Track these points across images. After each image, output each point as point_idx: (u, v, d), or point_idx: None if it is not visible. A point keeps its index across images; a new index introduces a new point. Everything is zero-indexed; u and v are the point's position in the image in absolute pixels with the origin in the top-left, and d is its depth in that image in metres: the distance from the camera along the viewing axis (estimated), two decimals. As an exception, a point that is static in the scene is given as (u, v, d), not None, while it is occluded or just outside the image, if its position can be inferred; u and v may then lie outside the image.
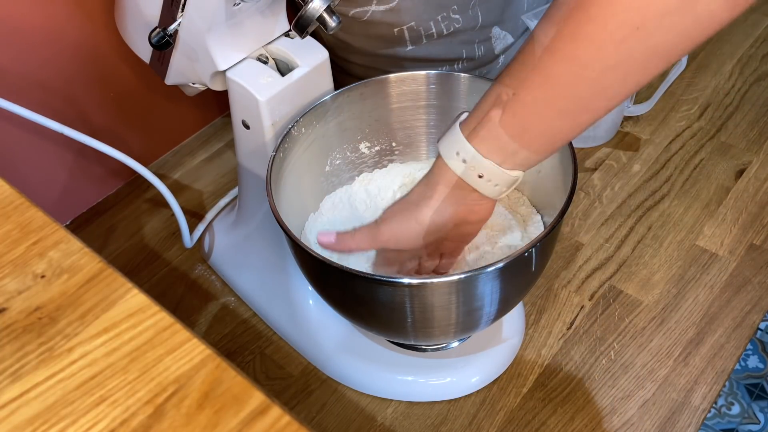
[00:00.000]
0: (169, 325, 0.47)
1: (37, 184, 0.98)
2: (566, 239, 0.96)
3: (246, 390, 0.43)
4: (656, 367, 0.83)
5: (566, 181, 0.70)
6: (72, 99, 0.96)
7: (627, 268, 0.92)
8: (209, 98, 1.12)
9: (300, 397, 0.83)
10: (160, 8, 0.73)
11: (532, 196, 0.82)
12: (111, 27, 0.86)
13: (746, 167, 1.03)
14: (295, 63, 0.76)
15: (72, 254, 0.51)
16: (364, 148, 0.85)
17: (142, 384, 0.44)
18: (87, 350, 0.46)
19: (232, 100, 0.78)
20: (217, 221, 0.98)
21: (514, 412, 0.80)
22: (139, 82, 1.02)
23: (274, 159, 0.72)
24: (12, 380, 0.45)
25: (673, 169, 1.04)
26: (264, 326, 0.90)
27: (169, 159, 1.12)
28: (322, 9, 0.66)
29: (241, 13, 0.72)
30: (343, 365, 0.84)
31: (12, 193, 0.55)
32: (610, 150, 1.07)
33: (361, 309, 0.72)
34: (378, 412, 0.82)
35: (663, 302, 0.88)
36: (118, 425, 0.43)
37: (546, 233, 0.65)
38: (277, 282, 0.87)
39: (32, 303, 0.49)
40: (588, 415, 0.79)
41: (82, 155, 1.01)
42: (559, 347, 0.85)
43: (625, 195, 1.01)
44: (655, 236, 0.95)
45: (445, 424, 0.80)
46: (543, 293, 0.90)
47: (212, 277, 0.96)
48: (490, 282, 0.65)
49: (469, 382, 0.82)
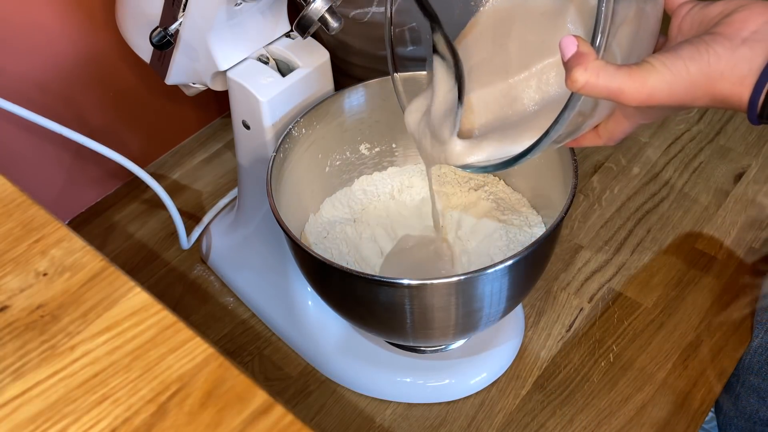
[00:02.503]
0: (171, 323, 0.47)
1: (35, 183, 0.98)
2: (565, 241, 0.96)
3: (249, 389, 0.43)
4: (655, 369, 0.83)
5: (566, 183, 0.70)
6: (71, 99, 0.96)
7: (626, 270, 0.92)
8: (209, 99, 1.12)
9: (299, 398, 0.83)
10: (161, 8, 0.73)
11: (533, 197, 0.82)
12: (111, 27, 0.86)
13: (745, 170, 1.03)
14: (295, 63, 0.76)
15: (74, 252, 0.51)
16: (364, 150, 0.85)
17: (144, 382, 0.44)
18: (89, 348, 0.46)
19: (232, 100, 0.78)
20: (216, 222, 0.98)
21: (513, 413, 0.80)
22: (139, 82, 1.02)
23: (275, 159, 0.72)
24: (14, 378, 0.45)
25: (672, 172, 1.04)
26: (263, 327, 0.90)
27: (168, 159, 1.12)
28: (323, 10, 0.66)
29: (243, 14, 0.72)
30: (342, 366, 0.84)
31: (14, 191, 0.55)
32: (610, 153, 1.07)
33: (360, 310, 0.72)
34: (377, 414, 0.81)
35: (662, 305, 0.88)
36: (121, 423, 0.43)
37: (546, 235, 0.65)
38: (276, 283, 0.87)
39: (34, 301, 0.48)
40: (587, 417, 0.79)
41: (81, 155, 1.00)
42: (558, 349, 0.85)
43: (625, 198, 1.01)
44: (654, 239, 0.96)
45: (444, 425, 0.80)
46: (542, 295, 0.90)
47: (211, 278, 0.96)
48: (490, 283, 0.65)
49: (468, 384, 0.82)
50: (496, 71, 0.64)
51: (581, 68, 0.48)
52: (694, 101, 0.50)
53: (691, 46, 0.49)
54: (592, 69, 0.47)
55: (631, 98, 0.48)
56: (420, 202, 0.86)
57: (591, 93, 0.48)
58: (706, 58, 0.49)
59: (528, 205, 0.82)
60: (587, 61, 0.48)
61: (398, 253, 0.81)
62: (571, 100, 0.50)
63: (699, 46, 0.49)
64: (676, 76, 0.49)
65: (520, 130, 0.60)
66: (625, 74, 0.48)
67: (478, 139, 0.63)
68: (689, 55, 0.49)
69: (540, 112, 0.61)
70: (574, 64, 0.48)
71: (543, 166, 0.77)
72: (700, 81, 0.49)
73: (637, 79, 0.48)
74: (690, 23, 0.54)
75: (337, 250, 0.80)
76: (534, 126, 0.58)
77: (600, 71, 0.48)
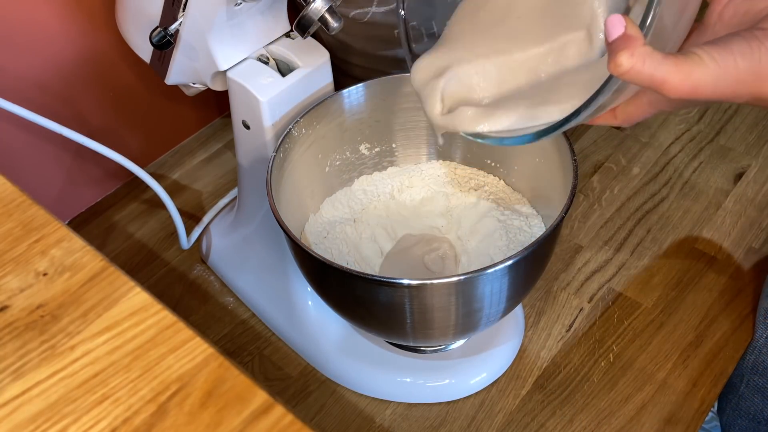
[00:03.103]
0: (171, 323, 0.47)
1: (35, 184, 0.98)
2: (565, 241, 0.96)
3: (249, 389, 0.43)
4: (655, 369, 0.83)
5: (566, 183, 0.70)
6: (71, 98, 0.96)
7: (626, 270, 0.92)
8: (209, 98, 1.12)
9: (299, 398, 0.83)
10: (161, 8, 0.73)
11: (532, 197, 0.82)
12: (111, 26, 0.86)
13: (745, 171, 1.03)
14: (296, 63, 0.76)
15: (74, 252, 0.51)
16: (364, 150, 0.85)
17: (144, 382, 0.44)
18: (89, 348, 0.46)
19: (232, 100, 0.78)
20: (216, 222, 0.98)
21: (513, 413, 0.80)
22: (139, 82, 1.02)
23: (274, 159, 0.72)
24: (14, 378, 0.45)
25: (672, 172, 1.04)
26: (263, 327, 0.90)
27: (168, 159, 1.12)
28: (324, 10, 0.66)
29: (243, 13, 0.72)
30: (342, 366, 0.84)
31: (14, 191, 0.55)
32: (610, 153, 1.07)
33: (360, 310, 0.72)
34: (377, 414, 0.81)
35: (662, 305, 0.88)
36: (121, 423, 0.43)
37: (546, 235, 0.65)
38: (276, 283, 0.87)
39: (34, 301, 0.48)
40: (587, 417, 0.79)
41: (81, 155, 1.00)
42: (558, 349, 0.85)
43: (625, 198, 1.01)
44: (654, 239, 0.96)
45: (443, 425, 0.80)
46: (542, 295, 0.90)
47: (211, 278, 0.96)
48: (490, 283, 0.65)
49: (468, 384, 0.82)
50: (508, 37, 0.61)
51: (627, 53, 0.44)
52: (735, 98, 0.48)
53: (742, 41, 0.47)
54: (638, 55, 0.45)
55: (675, 90, 0.46)
56: (420, 202, 0.86)
57: (633, 80, 0.46)
58: (757, 55, 0.46)
59: (528, 205, 0.82)
60: (634, 46, 0.45)
61: (398, 252, 0.81)
62: (609, 83, 0.48)
63: (751, 41, 0.47)
64: (723, 71, 0.46)
65: (539, 103, 0.57)
66: (671, 64, 0.45)
67: (491, 107, 0.60)
68: (740, 51, 0.46)
69: (561, 86, 0.58)
70: (620, 47, 0.45)
71: (543, 166, 0.77)
72: (747, 79, 0.47)
73: (684, 70, 0.45)
74: (733, 12, 0.52)
75: (337, 250, 0.80)
76: (556, 100, 0.56)
77: (646, 58, 0.45)
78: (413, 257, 0.80)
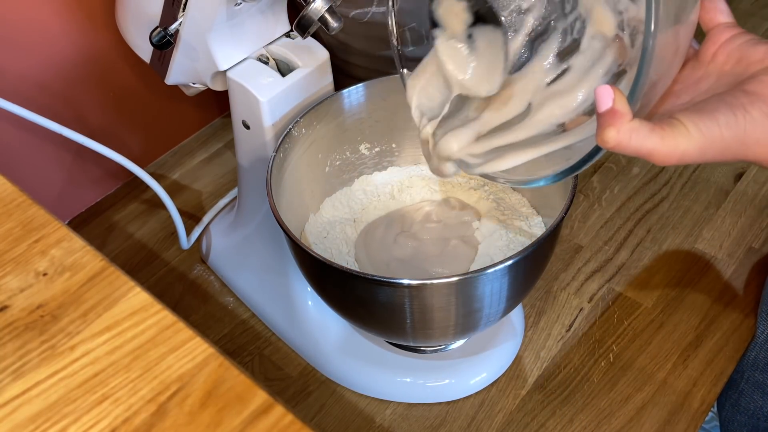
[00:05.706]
0: (171, 323, 0.47)
1: (35, 184, 0.98)
2: (565, 241, 0.96)
3: (249, 389, 0.43)
4: (655, 369, 0.83)
5: (566, 183, 0.70)
6: (71, 98, 0.96)
7: (626, 270, 0.92)
8: (209, 98, 1.12)
9: (299, 398, 0.83)
10: (161, 8, 0.73)
11: (532, 197, 0.82)
12: (111, 26, 0.86)
13: (745, 170, 1.03)
14: (295, 63, 0.76)
15: (74, 252, 0.51)
16: (364, 149, 0.85)
17: (144, 382, 0.44)
18: (89, 348, 0.46)
19: (232, 100, 0.78)
20: (216, 222, 0.98)
21: (513, 413, 0.80)
22: (139, 82, 1.02)
23: (274, 159, 0.72)
24: (14, 378, 0.45)
25: (672, 172, 1.04)
26: (263, 327, 0.90)
27: (168, 159, 1.12)
28: (323, 9, 0.66)
29: (242, 13, 0.72)
30: (342, 366, 0.84)
31: (14, 191, 0.55)
32: (610, 152, 1.07)
33: (360, 310, 0.72)
34: (377, 414, 0.81)
35: (662, 305, 0.88)
36: (121, 423, 0.43)
37: (546, 235, 0.65)
38: (276, 283, 0.87)
39: (34, 301, 0.48)
40: (587, 417, 0.79)
41: (81, 155, 1.00)
42: (558, 349, 0.85)
43: (625, 197, 1.01)
44: (654, 239, 0.96)
45: (443, 425, 0.80)
46: (542, 295, 0.90)
47: (211, 278, 0.96)
48: (490, 283, 0.65)
49: (468, 384, 0.82)
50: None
51: (614, 129, 0.46)
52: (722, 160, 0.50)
53: (728, 110, 0.48)
54: (624, 131, 0.46)
55: (662, 160, 0.48)
56: (420, 202, 0.86)
57: (620, 152, 0.48)
58: (742, 125, 0.47)
59: (528, 205, 0.82)
60: (621, 122, 0.46)
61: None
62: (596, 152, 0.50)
63: (736, 111, 0.48)
64: (709, 141, 0.47)
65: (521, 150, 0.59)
66: (657, 137, 0.47)
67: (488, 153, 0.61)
68: (725, 122, 0.47)
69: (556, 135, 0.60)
70: (608, 123, 0.46)
71: (543, 166, 0.77)
72: (732, 146, 0.48)
73: (669, 143, 0.47)
74: (726, 57, 0.53)
75: (337, 250, 0.80)
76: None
77: (633, 133, 0.46)
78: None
